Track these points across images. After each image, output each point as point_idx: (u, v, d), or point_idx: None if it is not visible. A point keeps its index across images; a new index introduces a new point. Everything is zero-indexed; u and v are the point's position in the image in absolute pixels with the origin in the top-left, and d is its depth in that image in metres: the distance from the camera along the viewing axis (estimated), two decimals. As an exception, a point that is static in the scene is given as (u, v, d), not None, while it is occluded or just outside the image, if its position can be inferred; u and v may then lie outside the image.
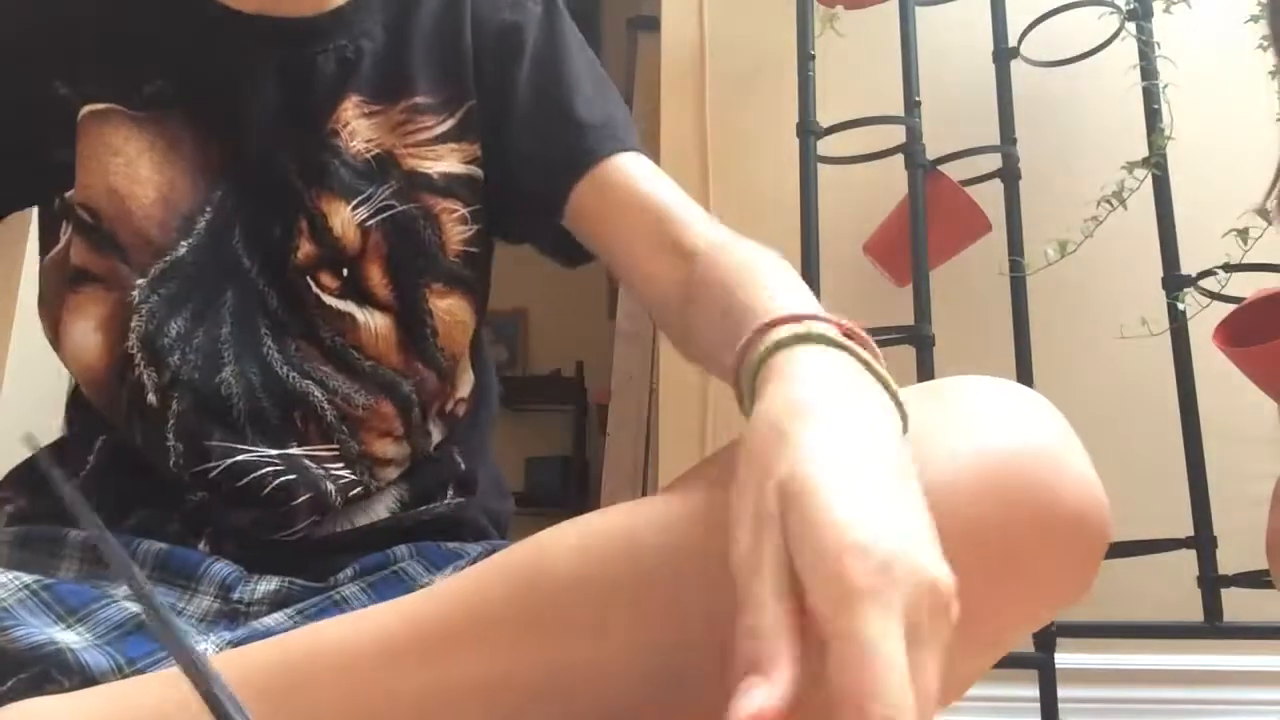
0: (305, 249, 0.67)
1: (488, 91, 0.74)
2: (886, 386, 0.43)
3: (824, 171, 1.47)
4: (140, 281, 0.65)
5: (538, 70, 0.75)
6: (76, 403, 0.71)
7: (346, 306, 0.68)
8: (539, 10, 0.77)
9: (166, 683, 0.48)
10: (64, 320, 0.67)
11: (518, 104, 0.74)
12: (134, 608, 0.57)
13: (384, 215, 0.69)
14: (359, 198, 0.69)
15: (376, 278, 0.69)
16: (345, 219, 0.68)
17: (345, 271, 0.68)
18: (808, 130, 1.45)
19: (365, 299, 0.68)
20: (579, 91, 0.74)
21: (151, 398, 0.65)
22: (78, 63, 0.67)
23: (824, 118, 1.47)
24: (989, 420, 0.46)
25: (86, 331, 0.66)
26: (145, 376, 0.65)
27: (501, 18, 0.76)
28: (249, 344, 0.66)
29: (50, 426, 0.74)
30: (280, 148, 0.68)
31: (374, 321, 0.68)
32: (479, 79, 0.74)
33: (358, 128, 0.70)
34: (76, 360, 0.67)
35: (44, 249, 0.70)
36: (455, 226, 0.72)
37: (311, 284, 0.67)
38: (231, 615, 0.61)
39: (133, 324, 0.65)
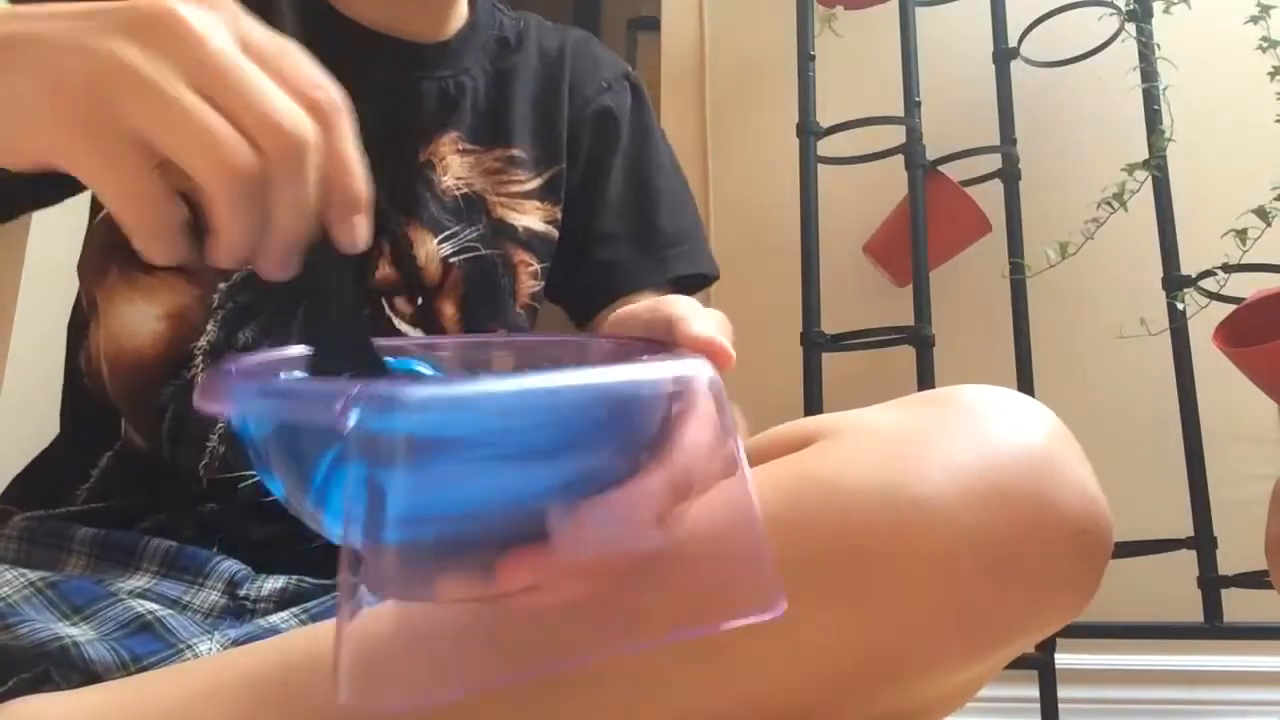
0: (384, 271, 0.68)
1: (578, 165, 0.79)
2: None
3: (824, 171, 1.48)
4: (223, 286, 0.65)
5: (630, 164, 0.82)
6: (80, 406, 0.70)
7: (415, 334, 0.68)
8: (629, 100, 0.83)
9: (173, 680, 0.48)
10: (116, 294, 0.66)
11: (610, 186, 0.79)
12: (140, 606, 0.56)
13: (468, 255, 0.71)
14: (446, 233, 0.70)
15: (449, 313, 0.70)
16: (430, 250, 0.69)
17: (420, 300, 0.69)
18: (808, 130, 1.45)
19: (433, 331, 0.69)
20: (662, 203, 0.82)
21: None
22: None
23: (824, 118, 1.47)
24: (991, 428, 0.46)
25: (148, 317, 0.65)
26: (202, 379, 0.64)
27: (601, 100, 0.81)
28: None
29: (51, 426, 0.73)
30: (371, 165, 0.67)
31: None
32: (571, 150, 0.79)
33: (452, 164, 0.72)
34: (116, 340, 0.66)
35: (98, 209, 0.68)
36: (528, 280, 0.75)
37: (386, 306, 0.68)
38: (238, 612, 0.60)
39: (209, 327, 0.64)
